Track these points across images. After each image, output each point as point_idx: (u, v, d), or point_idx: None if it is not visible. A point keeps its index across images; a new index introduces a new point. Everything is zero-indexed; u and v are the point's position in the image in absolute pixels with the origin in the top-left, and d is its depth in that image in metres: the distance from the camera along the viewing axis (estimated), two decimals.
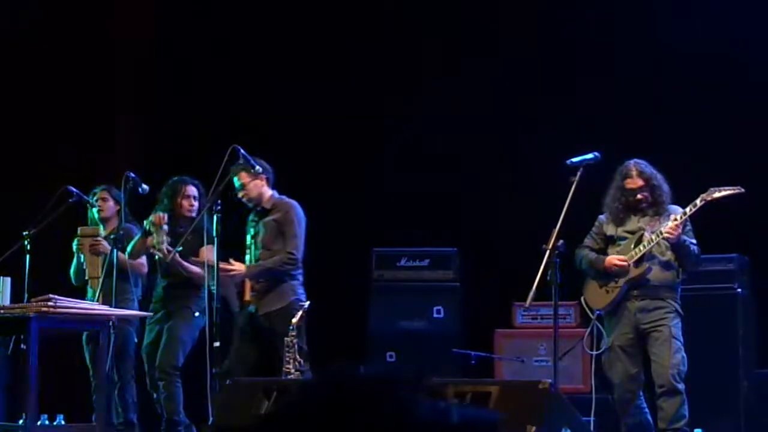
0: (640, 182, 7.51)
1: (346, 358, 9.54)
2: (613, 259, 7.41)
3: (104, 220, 9.12)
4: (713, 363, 9.03)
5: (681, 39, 10.53)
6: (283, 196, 8.36)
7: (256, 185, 8.17)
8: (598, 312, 7.52)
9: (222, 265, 7.93)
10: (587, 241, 7.67)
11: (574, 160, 7.38)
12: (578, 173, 7.29)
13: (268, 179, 8.28)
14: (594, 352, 7.49)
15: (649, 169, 7.57)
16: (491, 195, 10.87)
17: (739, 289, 9.30)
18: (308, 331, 8.15)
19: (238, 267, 8.05)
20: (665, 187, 7.57)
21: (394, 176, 11.09)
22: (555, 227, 7.10)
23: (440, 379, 6.53)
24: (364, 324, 10.12)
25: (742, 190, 7.22)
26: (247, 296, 8.18)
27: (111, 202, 9.14)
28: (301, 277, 8.27)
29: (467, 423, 3.00)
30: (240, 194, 8.16)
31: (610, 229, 7.59)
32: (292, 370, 7.59)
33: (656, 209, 7.51)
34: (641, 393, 7.46)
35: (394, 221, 10.75)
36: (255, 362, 8.04)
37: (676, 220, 7.28)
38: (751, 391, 9.25)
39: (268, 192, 8.26)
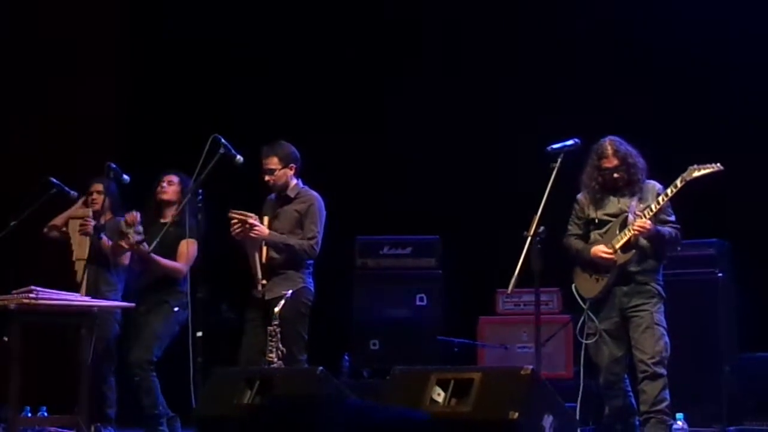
0: (615, 161, 7.44)
1: (330, 347, 9.57)
2: (598, 251, 7.38)
3: (98, 213, 9.06)
4: (695, 348, 9.05)
5: (654, 21, 10.60)
6: (308, 187, 8.33)
7: (285, 173, 8.15)
8: (589, 300, 7.49)
9: (250, 219, 7.90)
10: (571, 227, 7.65)
11: (555, 146, 7.36)
12: (559, 159, 7.28)
13: (296, 168, 8.25)
14: (585, 341, 7.47)
15: (624, 147, 7.49)
16: (473, 182, 10.89)
17: (720, 274, 9.31)
18: (300, 320, 8.09)
19: (261, 227, 7.98)
20: (641, 163, 7.50)
21: (377, 164, 11.12)
22: (536, 214, 7.09)
23: (423, 367, 6.54)
24: (347, 312, 10.12)
25: (722, 167, 7.17)
26: (259, 279, 8.05)
27: (104, 195, 9.08)
28: (312, 268, 8.23)
29: (396, 424, 3.03)
30: (267, 178, 8.12)
31: (591, 212, 7.55)
32: (275, 360, 7.58)
33: (633, 188, 7.45)
34: (625, 377, 7.47)
35: (377, 209, 10.76)
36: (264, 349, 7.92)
37: (648, 209, 7.23)
38: (733, 375, 9.28)
39: (294, 181, 8.23)
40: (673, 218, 7.48)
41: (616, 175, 7.44)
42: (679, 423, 7.12)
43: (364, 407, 2.79)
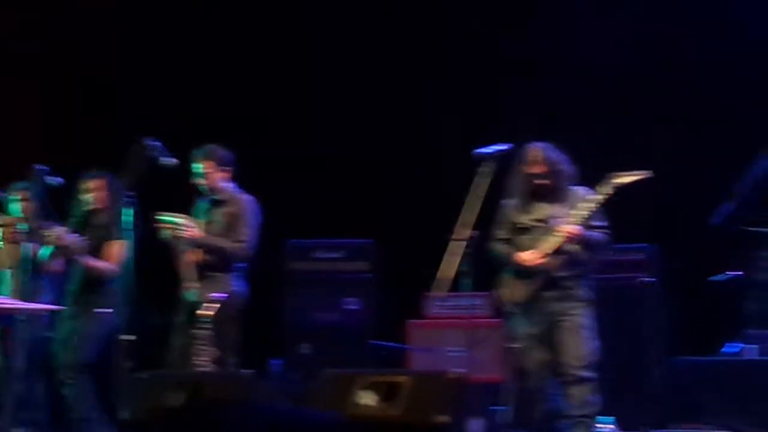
0: (542, 168, 7.45)
1: (260, 351, 9.54)
2: (521, 255, 7.40)
3: (26, 219, 8.93)
4: (625, 352, 9.13)
5: (589, 23, 10.71)
6: (240, 190, 8.30)
7: (218, 176, 8.13)
8: (515, 304, 7.49)
9: (181, 221, 7.86)
10: (498, 233, 7.65)
11: (483, 150, 7.39)
12: (490, 163, 7.30)
13: (229, 172, 8.22)
14: (511, 345, 7.49)
15: (551, 154, 7.50)
16: (406, 186, 10.92)
17: (650, 278, 9.41)
18: (231, 323, 8.06)
19: (193, 229, 7.94)
20: (569, 170, 7.52)
21: (310, 168, 11.11)
22: (466, 218, 7.11)
23: (352, 371, 6.55)
24: (278, 316, 10.09)
25: (650, 174, 7.21)
26: (188, 282, 8.01)
27: (30, 201, 8.96)
28: (243, 272, 8.20)
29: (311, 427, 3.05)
30: (199, 181, 8.08)
31: (518, 217, 7.55)
32: (205, 363, 7.55)
33: (559, 194, 7.45)
34: (554, 381, 7.48)
35: (309, 213, 10.75)
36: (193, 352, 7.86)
37: (575, 215, 7.25)
38: (663, 378, 9.37)
39: (227, 184, 8.21)
40: (602, 223, 7.50)
41: (543, 181, 7.45)
42: (610, 426, 7.17)
43: (279, 411, 2.80)
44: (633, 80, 10.75)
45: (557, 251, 7.32)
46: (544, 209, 7.48)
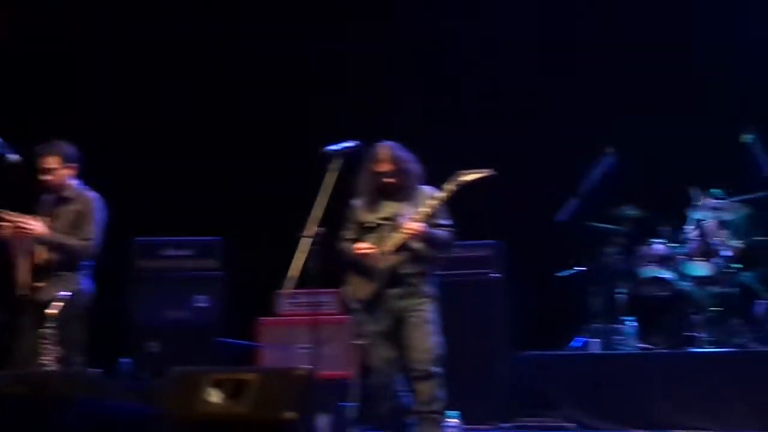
0: (388, 166, 7.47)
1: (109, 349, 9.42)
2: (360, 246, 7.41)
3: None
4: (471, 347, 9.25)
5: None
6: (86, 188, 8.16)
7: (64, 173, 7.98)
8: (360, 301, 7.50)
9: (23, 218, 7.70)
10: (345, 232, 7.65)
11: (333, 147, 7.40)
12: (338, 161, 7.31)
13: (75, 169, 8.08)
14: (357, 341, 7.51)
15: (398, 152, 7.52)
16: (254, 183, 10.90)
17: (496, 274, 9.54)
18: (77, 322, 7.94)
19: (38, 225, 7.78)
20: (415, 169, 7.54)
21: (157, 166, 11.01)
22: (314, 215, 7.12)
23: (200, 368, 6.51)
24: (127, 315, 9.98)
25: (492, 172, 7.25)
26: (25, 279, 7.86)
27: None
28: (89, 270, 8.07)
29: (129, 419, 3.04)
30: (45, 178, 7.93)
31: (365, 216, 7.56)
32: (50, 363, 7.43)
33: (406, 193, 7.47)
34: (400, 377, 7.51)
35: (157, 211, 10.66)
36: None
37: (419, 213, 7.29)
38: (510, 373, 9.51)
39: (72, 181, 8.06)
40: (447, 222, 7.54)
41: (390, 179, 7.46)
42: (454, 421, 7.22)
43: (95, 405, 2.78)
44: (477, 80, 10.93)
45: (401, 248, 7.33)
46: (391, 207, 7.50)
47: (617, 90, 10.76)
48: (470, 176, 7.24)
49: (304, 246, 7.13)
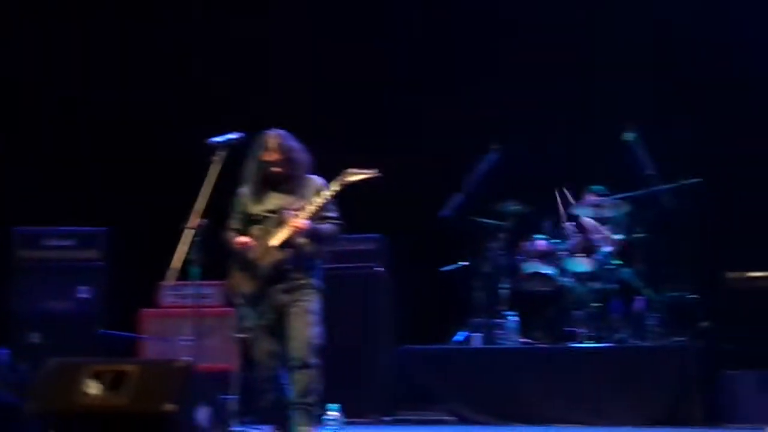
0: (276, 155, 7.34)
1: None
2: (242, 239, 7.35)
3: None
4: (354, 340, 9.30)
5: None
6: None
7: None
8: (243, 296, 7.42)
9: None
10: (231, 222, 7.58)
11: (217, 139, 7.33)
12: (221, 152, 7.24)
13: None
14: (239, 335, 7.42)
15: (287, 142, 7.40)
16: (137, 174, 10.82)
17: (380, 268, 9.59)
18: None
19: None
20: (304, 159, 7.44)
21: (39, 152, 10.89)
22: (197, 207, 7.06)
23: (78, 359, 6.44)
24: (7, 305, 9.84)
25: (378, 173, 7.22)
26: None
27: None
28: None
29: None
30: None
31: (251, 207, 7.44)
32: None
33: (294, 184, 7.37)
34: (282, 369, 7.44)
35: (39, 199, 10.53)
36: None
37: (304, 208, 7.26)
38: (392, 366, 9.56)
39: None
40: (334, 214, 7.45)
41: (276, 169, 7.34)
42: (334, 414, 7.20)
43: None
44: (364, 76, 10.98)
45: (286, 244, 7.28)
46: (277, 199, 7.39)
47: (502, 87, 10.86)
48: (356, 176, 7.17)
49: (188, 238, 7.07)
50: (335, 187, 7.19)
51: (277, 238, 7.23)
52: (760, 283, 7.99)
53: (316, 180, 7.44)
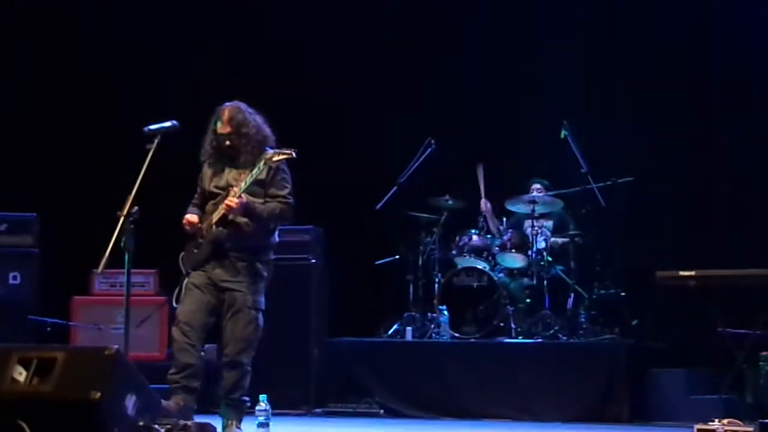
0: (228, 128, 7.20)
1: None
2: (186, 217, 7.27)
3: None
4: (286, 332, 9.28)
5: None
6: None
7: None
8: (186, 270, 7.34)
9: None
10: (195, 197, 7.46)
11: (152, 127, 7.26)
12: (155, 140, 7.18)
13: None
14: (175, 304, 7.31)
15: (242, 115, 7.23)
16: (72, 159, 10.76)
17: (314, 260, 9.59)
18: None
19: None
20: (261, 134, 7.25)
21: None
22: (130, 194, 7.02)
23: (4, 345, 6.39)
24: None
25: (294, 155, 7.12)
26: None
27: None
28: None
29: None
30: None
31: (208, 183, 7.33)
32: None
33: (245, 159, 7.20)
34: (203, 340, 7.28)
35: None
36: None
37: (239, 186, 7.06)
38: (322, 358, 9.57)
39: None
40: (284, 191, 7.27)
41: (227, 142, 7.21)
42: (262, 405, 7.16)
43: None
44: (305, 72, 11.00)
45: (222, 222, 7.23)
46: (227, 176, 7.25)
47: (438, 80, 10.90)
48: (276, 156, 7.09)
49: (121, 225, 7.01)
50: (260, 165, 7.09)
51: (216, 214, 7.18)
52: (689, 282, 8.02)
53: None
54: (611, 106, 10.53)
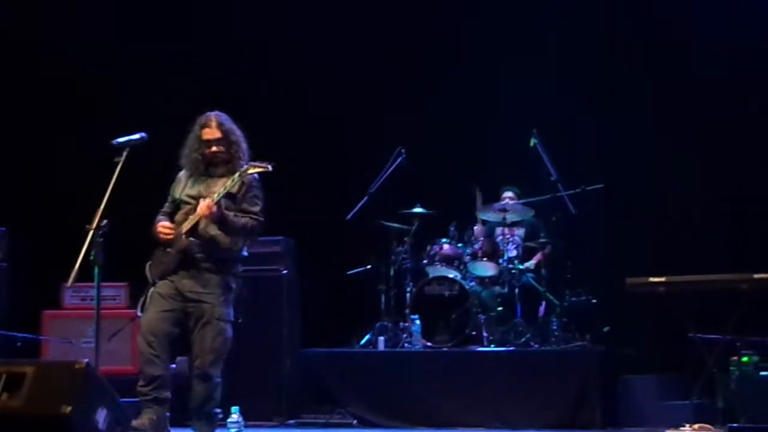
0: (218, 133, 7.24)
1: None
2: (159, 225, 7.26)
3: None
4: (259, 343, 9.28)
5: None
6: None
7: None
8: (154, 279, 7.32)
9: None
10: (165, 206, 7.46)
11: (120, 140, 7.26)
12: (124, 153, 7.18)
13: None
14: (140, 314, 7.29)
15: (229, 123, 7.30)
16: (41, 173, 10.73)
17: (285, 271, 9.57)
18: None
19: None
20: (243, 145, 7.31)
21: None
22: (99, 207, 7.00)
23: None
24: None
25: (270, 168, 7.14)
26: None
27: None
28: None
29: None
30: None
31: (179, 191, 7.34)
32: None
33: (226, 168, 7.23)
34: (169, 350, 7.25)
35: None
36: None
37: (218, 193, 7.08)
38: (294, 369, 9.55)
39: None
40: (256, 208, 7.30)
41: (216, 148, 7.23)
42: (234, 416, 7.16)
43: None
44: (277, 82, 10.99)
45: (193, 232, 7.21)
46: (203, 185, 7.26)
47: (408, 90, 10.92)
48: (252, 169, 7.10)
49: (91, 238, 7.00)
50: (236, 177, 7.09)
51: (187, 224, 7.16)
52: (660, 289, 8.06)
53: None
54: (580, 114, 10.55)
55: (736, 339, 7.95)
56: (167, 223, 7.29)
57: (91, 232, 6.95)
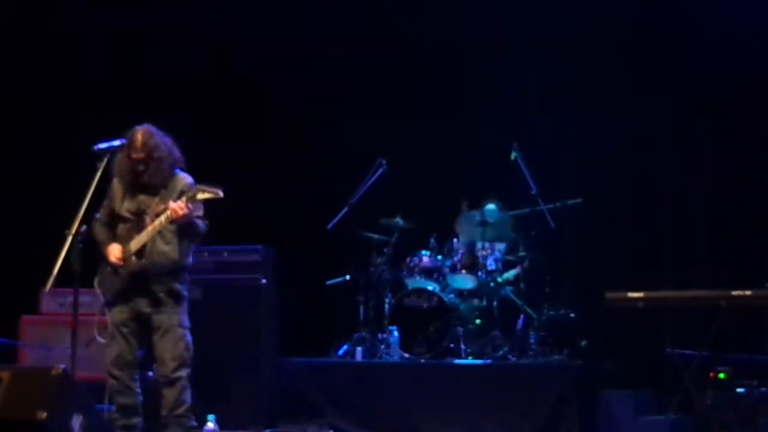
0: (141, 154, 7.23)
1: None
2: (111, 254, 7.26)
3: None
4: (237, 352, 9.25)
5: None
6: None
7: None
8: (106, 297, 7.32)
9: None
10: (100, 212, 7.45)
11: (101, 146, 7.26)
12: (105, 159, 7.19)
13: None
14: (102, 340, 7.31)
15: (154, 140, 7.26)
16: (20, 179, 10.72)
17: (264, 280, 9.54)
18: None
19: None
20: (173, 157, 7.32)
21: None
22: (79, 212, 6.99)
23: None
24: None
25: (220, 194, 7.07)
26: None
27: None
28: None
29: None
30: None
31: (119, 204, 7.36)
32: None
33: (157, 183, 7.27)
34: (136, 377, 7.32)
35: None
36: None
37: (182, 200, 7.06)
38: (272, 378, 9.53)
39: None
40: (201, 212, 7.30)
41: (140, 167, 7.24)
42: (210, 425, 7.16)
43: None
44: (258, 90, 10.98)
45: (143, 250, 7.20)
46: (141, 200, 7.30)
47: (389, 100, 10.91)
48: (203, 194, 7.08)
49: (69, 243, 6.99)
50: (184, 199, 7.08)
51: (135, 243, 7.17)
52: (638, 304, 8.08)
53: (183, 179, 7.33)
54: (559, 128, 10.57)
55: (713, 355, 7.97)
56: (118, 246, 7.29)
57: (69, 238, 6.94)
